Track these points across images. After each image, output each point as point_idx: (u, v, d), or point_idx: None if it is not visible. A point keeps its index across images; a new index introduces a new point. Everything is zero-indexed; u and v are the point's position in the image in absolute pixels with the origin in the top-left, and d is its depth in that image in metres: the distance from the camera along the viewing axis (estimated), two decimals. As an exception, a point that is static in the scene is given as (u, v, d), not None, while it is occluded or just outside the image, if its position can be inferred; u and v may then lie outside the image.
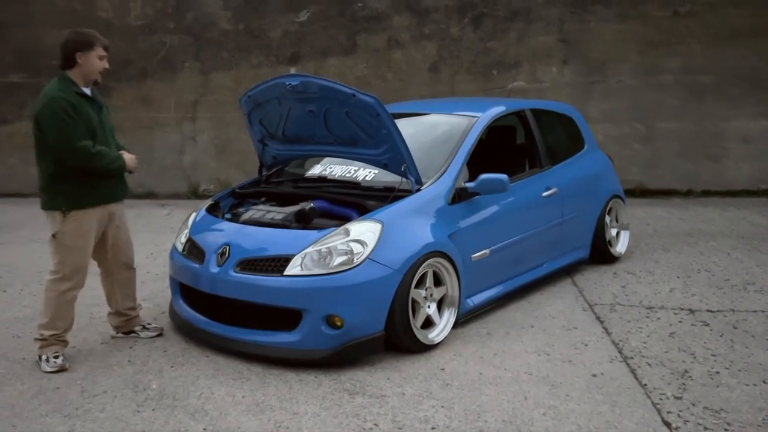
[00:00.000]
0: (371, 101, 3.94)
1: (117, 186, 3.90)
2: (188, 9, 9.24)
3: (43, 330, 3.78)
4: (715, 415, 3.09)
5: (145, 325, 4.25)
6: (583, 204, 5.24)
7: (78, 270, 3.77)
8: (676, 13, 8.42)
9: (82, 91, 3.70)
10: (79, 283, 3.81)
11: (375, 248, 3.66)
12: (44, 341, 3.78)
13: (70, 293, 3.79)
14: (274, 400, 3.34)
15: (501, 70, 8.79)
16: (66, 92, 3.62)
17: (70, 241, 3.73)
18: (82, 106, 3.65)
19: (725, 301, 4.61)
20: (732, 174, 8.55)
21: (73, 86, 3.67)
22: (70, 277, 3.76)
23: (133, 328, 4.20)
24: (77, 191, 3.70)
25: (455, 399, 3.31)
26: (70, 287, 3.78)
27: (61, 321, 3.79)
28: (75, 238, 3.73)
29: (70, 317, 3.85)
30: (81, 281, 3.81)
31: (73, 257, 3.74)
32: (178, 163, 9.48)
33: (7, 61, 9.59)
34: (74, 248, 3.74)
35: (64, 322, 3.80)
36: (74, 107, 3.59)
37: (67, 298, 3.78)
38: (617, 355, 3.78)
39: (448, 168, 4.24)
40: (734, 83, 8.46)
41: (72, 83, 3.68)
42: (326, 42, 9.04)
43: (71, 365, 3.79)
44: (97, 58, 3.71)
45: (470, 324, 4.27)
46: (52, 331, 3.77)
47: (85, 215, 3.74)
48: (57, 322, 3.78)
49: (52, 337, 3.78)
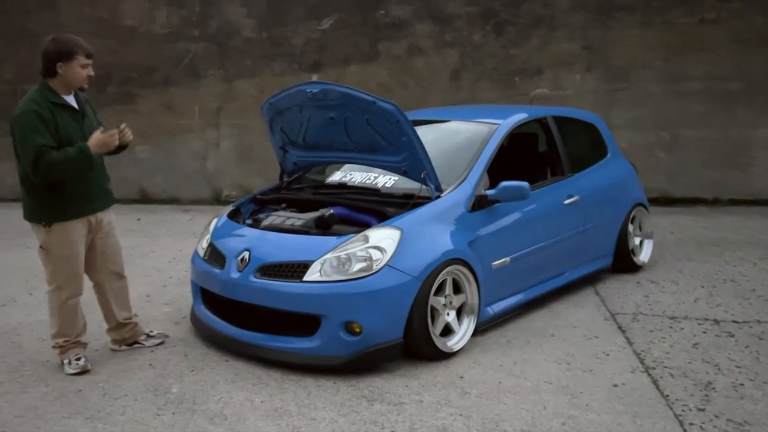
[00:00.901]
0: (391, 108, 3.94)
1: (98, 197, 3.78)
2: (212, 17, 9.35)
3: (56, 339, 3.83)
4: (738, 428, 3.03)
5: (149, 333, 4.23)
6: (606, 212, 5.19)
7: (71, 278, 3.74)
8: (702, 20, 8.31)
9: (59, 100, 3.57)
10: (76, 291, 3.78)
11: (394, 255, 3.66)
12: (61, 347, 3.84)
13: (70, 302, 3.78)
14: (292, 406, 3.35)
15: (523, 77, 8.75)
16: (40, 104, 3.49)
17: (57, 251, 3.69)
18: (59, 117, 3.54)
19: (751, 312, 4.53)
20: (759, 183, 8.40)
21: (51, 95, 3.55)
22: (66, 286, 3.74)
23: (137, 338, 4.16)
24: (55, 204, 3.62)
25: (473, 407, 3.29)
26: (68, 296, 3.76)
27: (69, 328, 3.82)
28: (62, 248, 3.68)
29: (80, 323, 3.87)
30: (78, 289, 3.79)
31: (63, 266, 3.71)
32: (201, 169, 9.57)
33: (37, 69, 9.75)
34: (63, 257, 3.70)
35: (73, 329, 3.83)
36: (46, 120, 3.47)
37: (68, 306, 3.78)
38: (639, 366, 3.73)
39: (468, 175, 4.22)
40: (762, 91, 8.31)
41: (51, 92, 3.56)
42: (348, 49, 9.08)
43: (93, 368, 3.84)
44: (79, 68, 3.57)
45: (490, 332, 4.25)
46: (64, 338, 3.82)
47: (69, 225, 3.67)
48: (66, 330, 3.81)
49: (67, 343, 3.83)
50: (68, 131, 3.57)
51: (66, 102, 3.61)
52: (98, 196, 3.80)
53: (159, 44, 9.47)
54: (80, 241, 3.73)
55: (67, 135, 3.55)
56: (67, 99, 3.64)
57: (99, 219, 3.82)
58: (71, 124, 3.60)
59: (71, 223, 3.67)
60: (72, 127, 3.60)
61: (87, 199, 3.71)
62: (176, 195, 9.51)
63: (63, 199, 3.62)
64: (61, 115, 3.56)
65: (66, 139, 3.55)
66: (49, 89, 3.58)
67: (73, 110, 3.64)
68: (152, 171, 9.56)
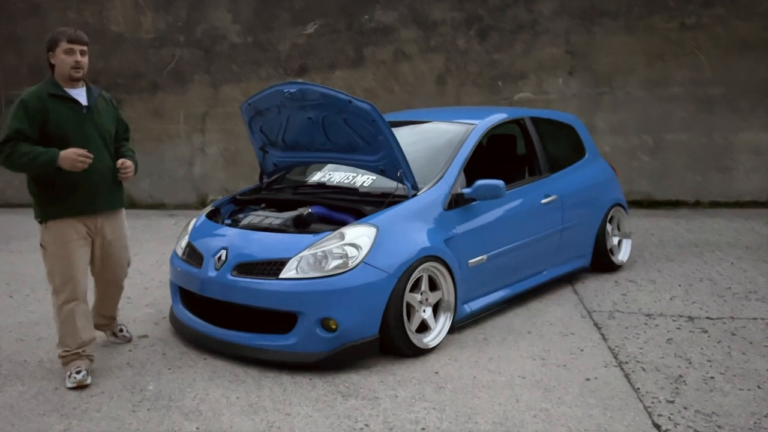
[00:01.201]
0: (367, 108, 3.98)
1: (95, 199, 3.68)
2: (198, 23, 9.40)
3: (58, 348, 3.71)
4: (706, 419, 3.07)
5: (116, 332, 4.22)
6: (584, 212, 5.24)
7: (67, 282, 3.62)
8: (683, 25, 8.42)
9: (59, 92, 3.55)
10: (71, 296, 3.63)
11: (370, 252, 3.69)
12: (63, 358, 3.69)
13: (66, 307, 3.64)
14: (267, 402, 3.37)
15: (507, 82, 8.83)
16: (34, 94, 3.51)
17: (52, 250, 3.64)
18: (53, 108, 3.51)
19: (725, 309, 4.58)
20: (741, 185, 8.50)
21: (51, 87, 3.55)
22: (61, 290, 3.64)
23: (105, 329, 4.20)
24: (48, 200, 3.60)
25: (447, 402, 3.32)
26: (64, 300, 3.64)
27: (69, 337, 3.65)
28: (56, 247, 3.62)
29: (82, 334, 3.67)
30: (73, 294, 3.64)
31: (58, 267, 3.63)
32: (188, 174, 9.60)
33: (21, 74, 9.79)
34: (57, 258, 3.62)
35: (73, 339, 3.65)
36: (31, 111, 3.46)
37: (65, 312, 3.64)
38: (612, 361, 3.77)
39: (444, 174, 4.26)
40: (744, 95, 8.42)
41: (52, 85, 3.57)
42: (334, 54, 9.15)
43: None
44: (62, 54, 3.53)
45: (467, 329, 4.28)
46: (63, 348, 3.67)
47: (62, 225, 3.61)
48: (65, 339, 3.67)
49: (68, 354, 3.67)
50: (61, 123, 3.51)
51: (67, 94, 3.57)
52: (96, 198, 3.68)
53: (145, 50, 9.52)
54: (72, 244, 3.63)
55: (58, 127, 3.50)
56: (71, 92, 3.59)
57: (100, 224, 3.74)
58: (68, 116, 3.54)
59: (65, 222, 3.61)
60: (69, 120, 3.54)
61: (81, 200, 3.62)
62: (162, 200, 9.53)
63: (55, 197, 3.58)
64: (57, 106, 3.52)
65: (56, 131, 3.50)
66: (51, 82, 3.58)
67: (74, 102, 3.58)
68: (138, 176, 9.32)
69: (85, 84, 3.69)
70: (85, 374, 3.64)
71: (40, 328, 4.52)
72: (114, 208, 3.83)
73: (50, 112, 3.50)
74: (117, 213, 3.88)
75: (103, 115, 3.73)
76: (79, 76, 3.59)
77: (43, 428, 3.16)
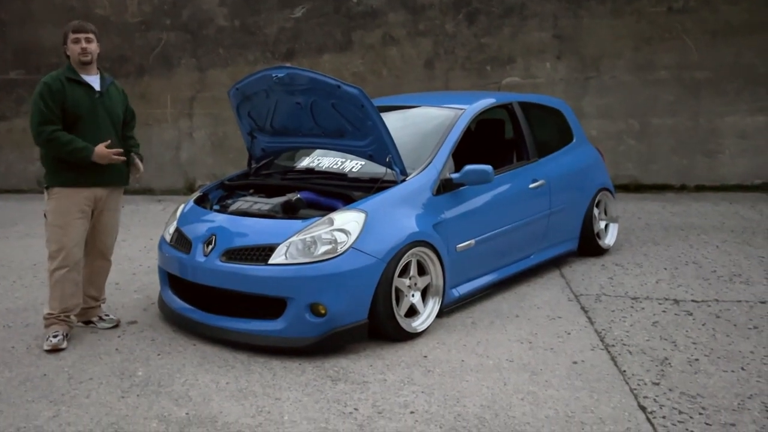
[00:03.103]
0: (356, 93, 3.97)
1: (104, 171, 3.93)
2: (184, 6, 9.30)
3: (45, 310, 3.98)
4: (691, 400, 3.12)
5: (102, 316, 4.29)
6: (571, 196, 5.27)
7: (60, 249, 3.88)
8: (670, 9, 8.44)
9: (75, 77, 3.88)
10: (63, 263, 3.87)
11: (359, 237, 3.70)
12: (45, 320, 3.96)
13: (57, 273, 3.88)
14: (257, 387, 3.38)
15: (495, 66, 8.82)
16: (54, 78, 3.85)
17: (51, 219, 3.90)
18: (70, 91, 3.83)
19: (710, 292, 4.64)
20: (726, 169, 8.57)
21: (68, 72, 3.88)
22: (55, 256, 3.89)
23: (91, 318, 4.26)
24: (57, 168, 3.87)
25: (436, 385, 3.35)
26: (57, 266, 3.88)
27: (55, 301, 3.92)
28: (54, 216, 3.88)
29: (69, 300, 3.93)
30: (65, 261, 3.88)
31: (55, 235, 3.89)
32: (175, 159, 9.54)
33: (5, 59, 9.66)
34: (55, 226, 3.88)
35: (59, 303, 3.91)
36: (53, 91, 3.79)
37: (55, 277, 3.89)
38: (599, 344, 3.82)
39: (433, 159, 4.27)
40: (730, 79, 8.47)
41: (69, 70, 3.90)
42: (321, 38, 9.09)
43: (59, 353, 3.82)
44: (71, 44, 3.90)
45: (455, 313, 4.31)
46: (48, 311, 3.94)
47: (65, 194, 3.87)
48: (53, 302, 3.93)
49: (51, 317, 3.93)
50: (77, 104, 3.83)
51: (82, 79, 3.89)
52: (105, 173, 3.94)
53: (131, 33, 9.41)
54: (71, 215, 3.87)
55: (74, 107, 3.82)
56: (86, 77, 3.92)
57: (99, 196, 3.98)
58: (83, 99, 3.86)
59: (68, 192, 3.86)
60: (83, 102, 3.86)
61: (92, 173, 3.88)
62: (150, 185, 9.46)
63: (70, 168, 3.85)
64: (73, 89, 3.84)
65: (72, 110, 3.82)
66: (68, 68, 3.93)
67: (89, 87, 3.90)
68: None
69: (100, 72, 4.01)
70: (62, 339, 3.89)
71: (28, 314, 4.51)
72: (120, 185, 4.13)
73: (67, 94, 3.83)
74: (120, 189, 4.18)
75: (114, 101, 4.06)
76: (88, 59, 3.91)
77: (31, 415, 3.16)
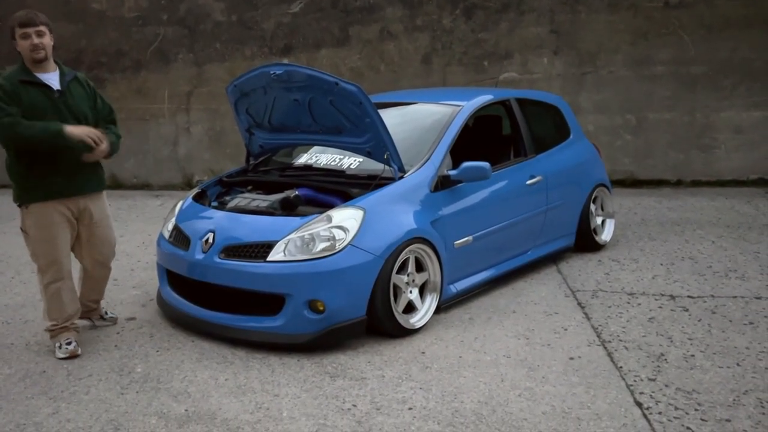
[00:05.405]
0: (354, 90, 3.98)
1: (77, 178, 3.70)
2: (181, 0, 9.27)
3: (46, 321, 3.83)
4: (686, 396, 3.15)
5: (102, 315, 4.25)
6: (568, 192, 5.29)
7: (51, 263, 3.71)
8: (666, 4, 8.44)
9: (28, 78, 3.55)
10: (56, 275, 3.74)
11: (357, 234, 3.72)
12: (51, 331, 3.82)
13: (52, 286, 3.75)
14: (256, 383, 3.40)
15: (492, 62, 8.82)
16: (7, 79, 3.51)
17: (34, 234, 3.69)
18: (25, 94, 3.51)
19: (706, 288, 4.67)
20: (722, 164, 8.59)
21: (21, 74, 3.56)
22: (46, 270, 3.73)
23: (92, 317, 4.22)
24: (27, 183, 3.63)
25: (434, 381, 3.37)
26: (50, 280, 3.74)
27: (56, 312, 3.78)
28: (38, 231, 3.68)
29: (68, 308, 3.80)
30: (59, 273, 3.74)
31: (41, 250, 3.71)
32: (173, 154, 9.53)
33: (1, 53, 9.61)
34: (40, 241, 3.69)
35: (60, 313, 3.78)
36: (8, 92, 3.46)
37: (51, 290, 3.75)
38: (596, 339, 3.84)
39: (431, 156, 4.28)
40: (726, 74, 8.47)
41: (22, 70, 3.57)
42: (319, 33, 9.07)
43: (58, 350, 3.85)
44: (20, 40, 3.54)
45: (453, 309, 4.33)
46: (51, 322, 3.80)
47: (43, 208, 3.65)
48: (53, 313, 3.79)
49: (56, 327, 3.79)
50: (34, 108, 3.51)
51: (36, 79, 3.56)
52: (76, 180, 3.70)
53: (128, 28, 9.38)
54: (55, 227, 3.68)
55: (32, 111, 3.50)
56: (42, 76, 3.58)
57: (83, 206, 3.77)
58: (41, 101, 3.54)
59: (47, 205, 3.64)
60: (41, 105, 3.53)
61: (61, 182, 3.64)
62: (147, 180, 9.47)
63: (36, 181, 3.61)
64: (28, 92, 3.52)
65: (31, 115, 3.49)
66: (21, 68, 3.58)
67: (46, 88, 3.58)
68: (123, 156, 9.37)
69: (59, 67, 3.67)
70: (76, 345, 3.78)
71: (26, 311, 4.52)
72: (95, 190, 3.85)
73: (23, 98, 3.50)
74: (99, 194, 3.90)
75: (77, 98, 3.70)
76: (41, 57, 3.55)
77: (31, 411, 3.18)
